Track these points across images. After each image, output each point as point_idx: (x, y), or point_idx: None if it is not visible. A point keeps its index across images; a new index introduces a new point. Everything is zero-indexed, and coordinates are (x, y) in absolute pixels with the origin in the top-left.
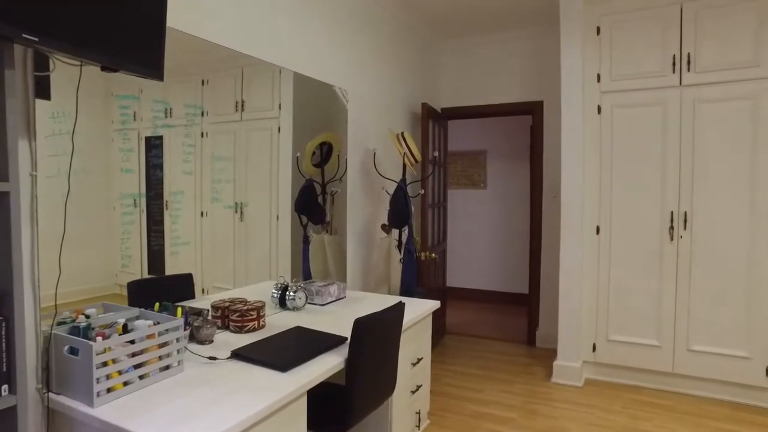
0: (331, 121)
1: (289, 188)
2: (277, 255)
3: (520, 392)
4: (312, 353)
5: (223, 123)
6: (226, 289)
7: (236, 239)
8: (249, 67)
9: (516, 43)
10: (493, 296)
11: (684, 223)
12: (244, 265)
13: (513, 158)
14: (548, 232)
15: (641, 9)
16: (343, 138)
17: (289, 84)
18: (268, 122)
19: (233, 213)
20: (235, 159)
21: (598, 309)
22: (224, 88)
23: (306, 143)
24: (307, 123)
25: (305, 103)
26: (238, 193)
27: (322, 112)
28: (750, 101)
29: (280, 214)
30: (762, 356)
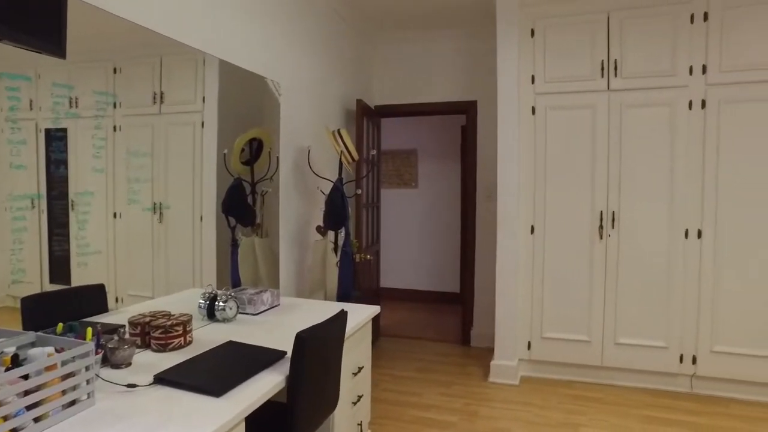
0: (262, 116)
1: (214, 187)
2: (202, 260)
3: (459, 394)
4: (249, 372)
5: (139, 116)
6: (144, 297)
7: (155, 243)
8: (170, 56)
9: (451, 41)
10: (425, 296)
11: (612, 222)
12: (165, 271)
13: (443, 157)
14: (482, 232)
15: (572, 14)
16: (274, 134)
17: (214, 75)
18: (191, 116)
19: (151, 214)
20: (153, 156)
21: (532, 307)
22: (140, 78)
23: (234, 139)
24: (235, 117)
25: (233, 96)
26: (156, 193)
27: (252, 106)
28: (668, 108)
29: (204, 215)
30: (677, 345)
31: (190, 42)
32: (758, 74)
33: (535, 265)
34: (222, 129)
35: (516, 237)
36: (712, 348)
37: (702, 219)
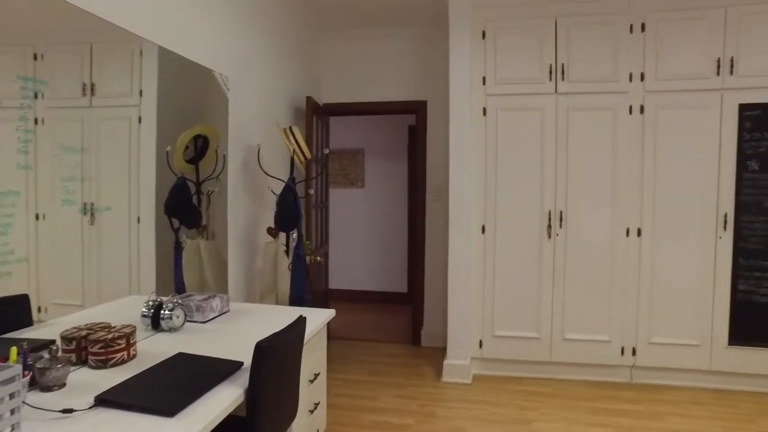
0: (209, 112)
1: (153, 187)
2: (139, 265)
3: (413, 395)
4: (204, 386)
5: (66, 109)
6: (73, 306)
7: (86, 247)
8: (101, 44)
9: (402, 40)
10: (372, 296)
11: (560, 221)
12: (96, 277)
13: (391, 157)
14: (432, 232)
15: (522, 18)
16: (221, 131)
17: (152, 66)
18: (126, 110)
19: (81, 216)
20: (83, 152)
21: (484, 306)
22: (66, 67)
23: (177, 136)
24: (178, 112)
25: (176, 89)
26: (87, 193)
27: (198, 100)
28: (611, 112)
29: (142, 216)
30: (618, 338)
31: (128, 26)
32: (687, 83)
33: (486, 264)
34: (163, 125)
35: (467, 237)
36: (650, 340)
37: (641, 218)
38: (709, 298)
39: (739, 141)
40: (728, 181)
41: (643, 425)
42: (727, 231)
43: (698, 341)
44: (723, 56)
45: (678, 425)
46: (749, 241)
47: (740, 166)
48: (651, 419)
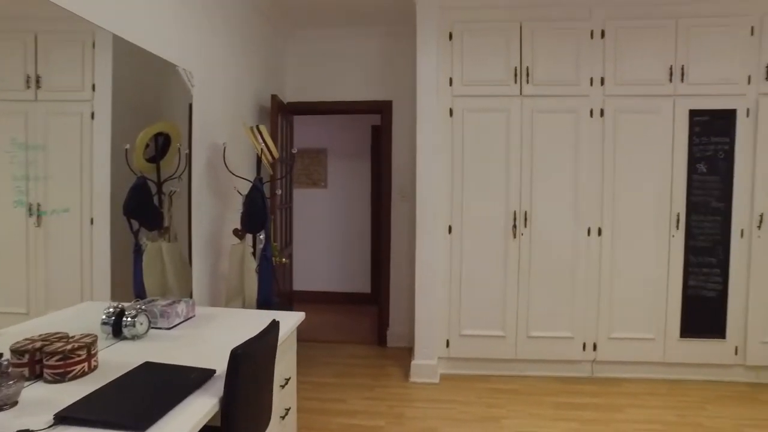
0: (171, 109)
1: (107, 186)
2: (92, 269)
3: (382, 397)
4: (175, 398)
5: (7, 102)
6: (16, 315)
7: (31, 250)
8: (47, 33)
9: (367, 40)
10: (335, 297)
11: (524, 221)
12: (44, 283)
13: (354, 157)
14: (397, 232)
15: (488, 21)
16: (184, 129)
17: (106, 59)
18: (77, 105)
19: (26, 217)
20: (27, 149)
21: (450, 306)
22: (6, 57)
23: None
24: (138, 109)
25: (135, 84)
26: (32, 192)
27: (160, 97)
28: (573, 114)
29: (95, 217)
30: (580, 335)
31: (80, 11)
32: (643, 89)
33: (453, 264)
34: (119, 121)
35: (434, 237)
36: (610, 335)
37: (602, 218)
38: (663, 293)
39: (690, 145)
40: (680, 182)
41: (605, 417)
42: (680, 230)
43: (653, 335)
44: (675, 64)
45: (636, 416)
46: (698, 239)
47: (691, 169)
48: (611, 411)
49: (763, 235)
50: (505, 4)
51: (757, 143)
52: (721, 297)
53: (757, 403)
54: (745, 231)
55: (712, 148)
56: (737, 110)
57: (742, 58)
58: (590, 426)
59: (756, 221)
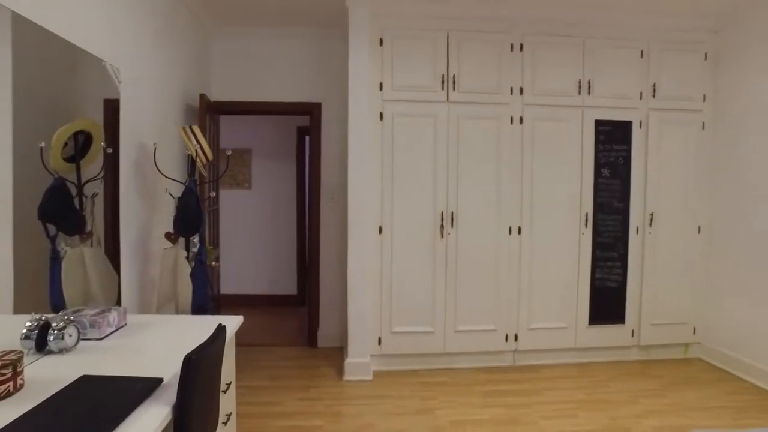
0: (93, 106)
1: (9, 188)
2: None
3: (318, 396)
4: (121, 411)
5: None
6: None
7: None
8: None
9: (298, 41)
10: (262, 300)
11: (451, 222)
12: None
13: (279, 158)
14: (326, 233)
15: (418, 29)
16: (113, 128)
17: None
18: None
19: None
20: None
21: (381, 304)
22: None
23: (52, 131)
24: (57, 104)
25: (52, 78)
26: None
27: (79, 92)
28: (495, 121)
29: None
30: (503, 327)
31: None
32: (557, 99)
33: (383, 263)
34: (27, 116)
35: (365, 237)
36: (529, 326)
37: (521, 217)
38: (575, 286)
39: (596, 151)
40: (588, 185)
41: (527, 401)
42: (588, 228)
43: (566, 324)
44: (583, 78)
45: (554, 398)
46: (603, 236)
47: (596, 173)
48: (533, 395)
49: (654, 231)
50: (434, 14)
51: (648, 151)
52: (621, 287)
53: (648, 377)
54: (639, 228)
55: (614, 154)
56: (633, 122)
57: (635, 77)
58: (515, 410)
59: (648, 219)
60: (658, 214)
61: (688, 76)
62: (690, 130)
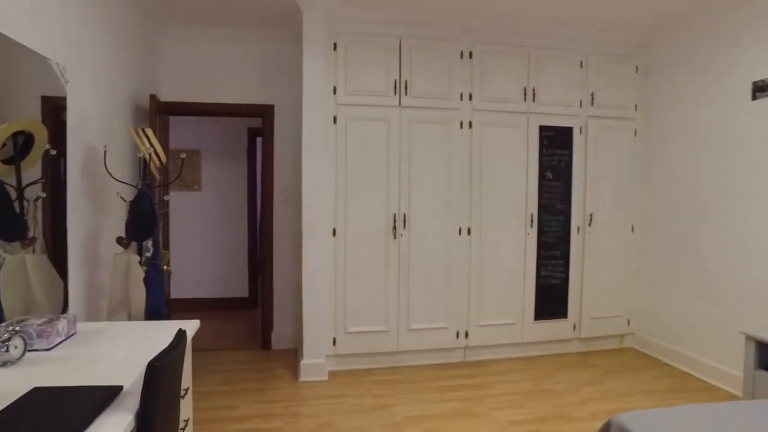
0: (32, 105)
1: None
2: None
3: (275, 398)
4: (81, 422)
5: None
6: None
7: None
8: None
9: (250, 42)
10: (211, 304)
11: (404, 223)
12: None
13: (229, 159)
14: (279, 235)
15: (371, 35)
16: (54, 128)
17: None
18: None
19: None
20: None
21: (336, 305)
22: None
23: None
24: None
25: None
26: None
27: (19, 91)
28: (446, 125)
29: None
30: (454, 324)
31: None
32: (503, 105)
33: (338, 265)
34: None
35: (320, 239)
36: (479, 323)
37: (471, 218)
38: (521, 283)
39: (540, 155)
40: (533, 187)
41: (479, 394)
42: (533, 228)
43: (513, 320)
44: (528, 86)
45: (503, 390)
46: (547, 236)
47: (541, 176)
48: (484, 389)
49: (593, 231)
50: (386, 20)
51: (587, 156)
52: (564, 284)
53: (588, 367)
54: (580, 228)
55: (557, 158)
56: (573, 128)
57: (575, 86)
58: (467, 403)
59: (588, 220)
60: (596, 214)
61: (622, 86)
62: (624, 137)
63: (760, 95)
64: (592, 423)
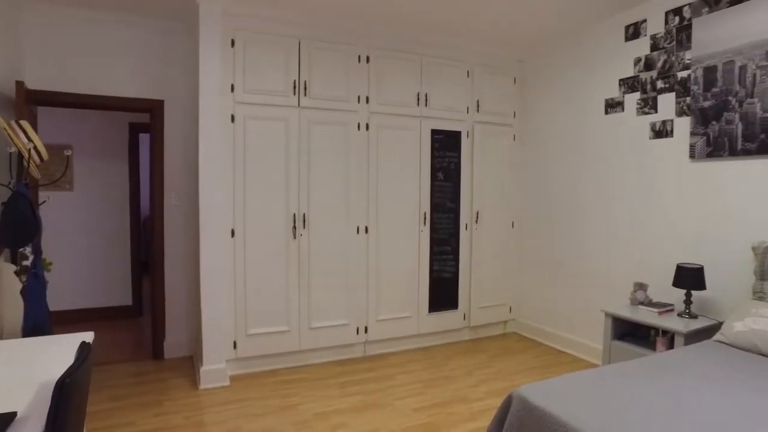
0: None
1: None
2: None
3: (175, 409)
4: None
5: None
6: None
7: None
8: None
9: (137, 31)
10: (90, 315)
11: (303, 223)
12: None
13: (107, 157)
14: (171, 237)
15: (270, 34)
16: None
17: None
18: None
19: None
20: None
21: (236, 307)
22: None
23: None
24: None
25: None
26: None
27: None
28: (344, 127)
29: None
30: (354, 321)
31: None
32: (399, 109)
33: (237, 266)
34: None
35: (218, 240)
36: (377, 318)
37: (368, 217)
38: (416, 278)
39: (432, 157)
40: (426, 187)
41: (381, 386)
42: (426, 226)
43: (410, 313)
44: (421, 91)
45: (404, 380)
46: (439, 233)
47: (433, 176)
48: (386, 381)
49: (479, 227)
50: (286, 20)
51: (474, 158)
52: (454, 277)
53: (477, 352)
54: (468, 225)
55: (447, 160)
56: (461, 132)
57: (463, 93)
58: (372, 395)
59: (475, 217)
60: (482, 212)
61: (503, 95)
62: (504, 141)
63: (611, 111)
64: (487, 401)
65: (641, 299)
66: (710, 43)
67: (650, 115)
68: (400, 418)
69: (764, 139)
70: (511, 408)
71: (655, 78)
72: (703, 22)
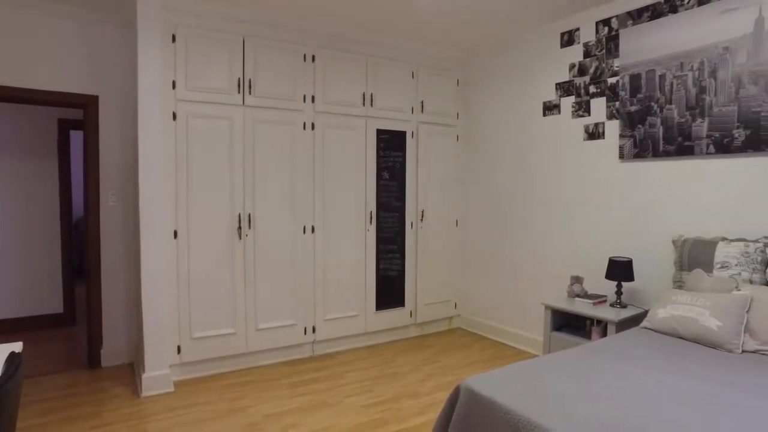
0: None
1: None
2: None
3: (116, 420)
4: None
5: None
6: None
7: None
8: None
9: (69, 21)
10: (17, 324)
11: (249, 223)
12: None
13: (31, 155)
14: (108, 240)
15: (213, 30)
16: None
17: None
18: None
19: None
20: None
21: (179, 311)
22: None
23: None
24: None
25: None
26: None
27: None
28: (290, 126)
29: None
30: (302, 321)
31: None
32: (344, 109)
33: (180, 268)
34: None
35: (160, 241)
36: (325, 317)
37: (314, 217)
38: (363, 277)
39: (378, 157)
40: (372, 186)
41: (331, 385)
42: (373, 224)
43: (357, 312)
44: (366, 91)
45: (354, 378)
46: (385, 231)
47: (378, 176)
48: (335, 379)
49: (424, 225)
50: (229, 16)
51: (419, 158)
52: (401, 275)
53: (424, 348)
54: (413, 223)
55: (392, 160)
56: (406, 132)
57: (408, 94)
58: (321, 395)
59: (420, 215)
60: (427, 210)
61: (446, 96)
62: (448, 141)
63: (548, 113)
64: (435, 395)
65: (578, 292)
66: (635, 52)
67: (584, 118)
68: (351, 415)
69: (681, 142)
70: (459, 399)
71: (588, 83)
72: (629, 33)
